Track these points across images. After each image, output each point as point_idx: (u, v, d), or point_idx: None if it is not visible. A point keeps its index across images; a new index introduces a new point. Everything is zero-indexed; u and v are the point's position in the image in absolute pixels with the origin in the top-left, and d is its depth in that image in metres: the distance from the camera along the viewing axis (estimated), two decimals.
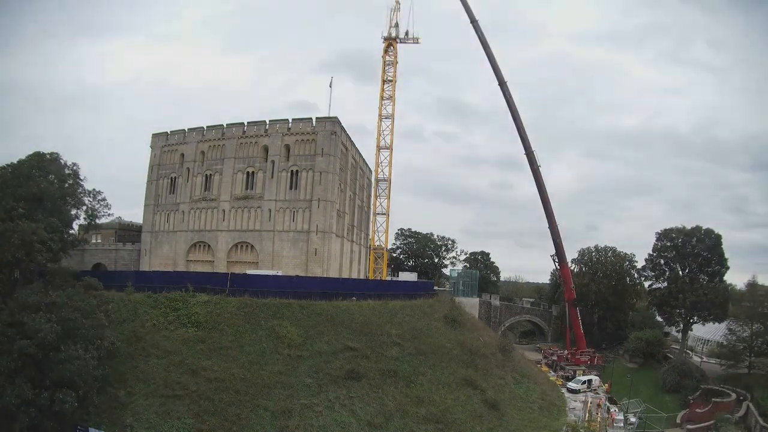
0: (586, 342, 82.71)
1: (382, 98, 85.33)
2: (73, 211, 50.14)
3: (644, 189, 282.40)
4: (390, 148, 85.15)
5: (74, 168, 49.57)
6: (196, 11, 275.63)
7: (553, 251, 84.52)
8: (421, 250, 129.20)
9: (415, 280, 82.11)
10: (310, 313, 50.34)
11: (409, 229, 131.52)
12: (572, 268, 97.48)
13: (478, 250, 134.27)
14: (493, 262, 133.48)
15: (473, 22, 79.23)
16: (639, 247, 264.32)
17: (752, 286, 69.34)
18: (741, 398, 57.20)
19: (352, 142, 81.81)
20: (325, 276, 67.45)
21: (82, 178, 50.22)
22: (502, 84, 79.99)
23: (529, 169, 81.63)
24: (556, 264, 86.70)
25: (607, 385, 68.01)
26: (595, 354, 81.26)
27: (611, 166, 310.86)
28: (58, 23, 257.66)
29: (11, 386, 32.93)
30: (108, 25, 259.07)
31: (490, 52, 79.61)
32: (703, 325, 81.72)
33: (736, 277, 79.34)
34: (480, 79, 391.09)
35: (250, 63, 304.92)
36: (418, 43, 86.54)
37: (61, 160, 48.95)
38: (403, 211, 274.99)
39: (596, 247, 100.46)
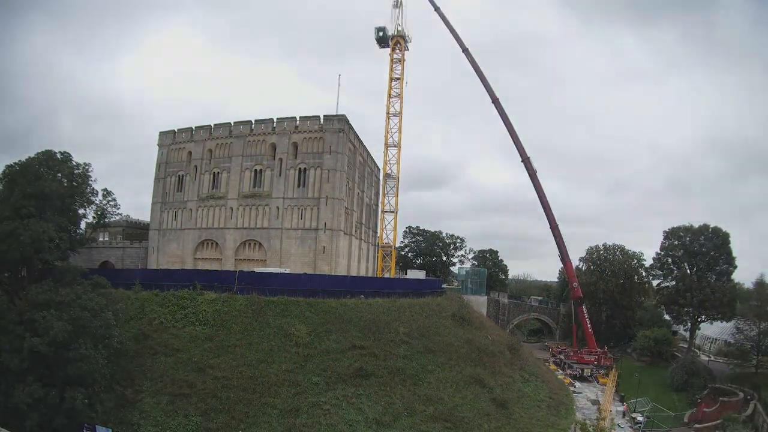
0: (595, 341, 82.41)
1: (389, 96, 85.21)
2: (81, 210, 50.30)
3: None
4: (398, 145, 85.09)
5: (85, 168, 49.72)
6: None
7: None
8: (430, 248, 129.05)
9: (423, 278, 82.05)
10: (318, 311, 50.41)
11: (418, 227, 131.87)
12: (580, 266, 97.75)
13: (486, 248, 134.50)
14: (502, 260, 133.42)
15: (465, 51, 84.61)
16: None
17: (760, 284, 68.84)
18: (748, 397, 56.94)
19: (360, 139, 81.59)
20: (333, 274, 67.33)
21: (93, 178, 50.42)
22: (495, 101, 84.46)
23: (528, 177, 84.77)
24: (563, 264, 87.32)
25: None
26: (605, 353, 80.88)
27: None
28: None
29: (21, 385, 33.21)
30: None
31: (483, 75, 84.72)
32: (711, 323, 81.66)
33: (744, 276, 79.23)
34: None
35: (250, 61, 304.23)
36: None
37: (73, 161, 49.13)
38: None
39: (604, 245, 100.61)
